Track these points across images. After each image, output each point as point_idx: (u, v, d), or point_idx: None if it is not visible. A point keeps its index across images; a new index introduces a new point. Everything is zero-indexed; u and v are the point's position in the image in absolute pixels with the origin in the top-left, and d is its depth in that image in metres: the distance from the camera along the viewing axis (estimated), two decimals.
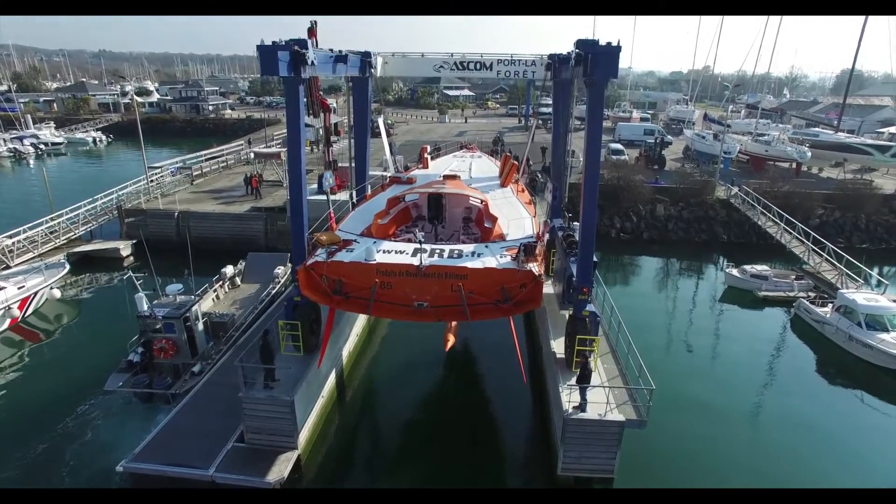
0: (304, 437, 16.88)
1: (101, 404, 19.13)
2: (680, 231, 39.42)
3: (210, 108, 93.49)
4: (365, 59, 22.09)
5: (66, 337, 24.81)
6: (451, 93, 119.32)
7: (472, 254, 15.01)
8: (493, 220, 17.26)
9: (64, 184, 49.78)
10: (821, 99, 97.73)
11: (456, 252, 15.04)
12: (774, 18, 55.10)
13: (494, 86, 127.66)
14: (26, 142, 68.99)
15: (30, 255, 30.28)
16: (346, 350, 21.69)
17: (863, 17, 48.79)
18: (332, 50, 18.49)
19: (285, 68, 14.54)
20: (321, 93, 27.87)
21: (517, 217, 18.40)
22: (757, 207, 36.78)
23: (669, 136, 58.43)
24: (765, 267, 30.10)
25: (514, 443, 18.41)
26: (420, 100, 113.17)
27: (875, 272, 28.58)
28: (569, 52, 18.59)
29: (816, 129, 55.96)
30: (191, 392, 18.16)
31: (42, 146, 70.22)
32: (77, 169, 63.84)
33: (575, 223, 22.55)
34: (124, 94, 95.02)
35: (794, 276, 29.64)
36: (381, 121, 24.57)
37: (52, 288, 26.62)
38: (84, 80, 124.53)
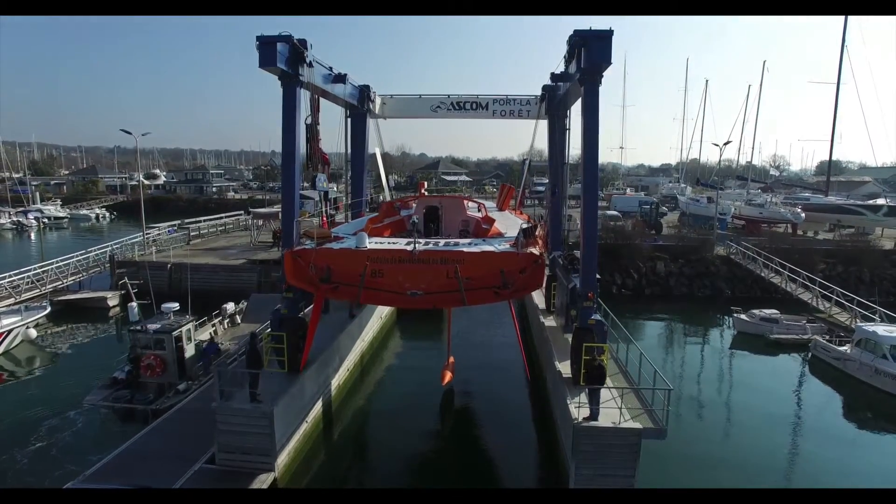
0: (283, 460, 15.02)
1: (75, 421, 17.75)
2: (682, 287, 38.63)
3: (214, 189, 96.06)
4: (364, 90, 22.79)
5: (36, 379, 23.03)
6: (448, 178, 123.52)
7: (469, 244, 14.30)
8: (491, 222, 16.75)
9: (60, 251, 49.43)
10: (805, 178, 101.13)
11: (452, 242, 14.34)
12: (753, 102, 58.11)
13: (491, 172, 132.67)
14: (30, 215, 69.86)
15: (10, 300, 29.15)
16: (336, 382, 20.08)
17: (834, 100, 51.44)
18: (331, 69, 19.03)
19: (283, 61, 14.77)
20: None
21: (515, 225, 17.87)
22: (758, 260, 36.32)
23: (664, 207, 59.35)
24: (774, 311, 29.00)
25: (519, 470, 16.38)
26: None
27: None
28: (561, 72, 19.24)
29: (807, 193, 57.16)
30: (167, 413, 16.68)
31: (45, 220, 70.94)
32: (76, 240, 63.96)
33: (575, 251, 22.07)
34: (131, 177, 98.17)
35: (805, 320, 28.45)
36: (377, 151, 24.91)
37: (28, 327, 25.29)
38: (95, 165, 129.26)
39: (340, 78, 19.69)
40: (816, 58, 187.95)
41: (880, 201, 58.90)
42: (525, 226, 14.36)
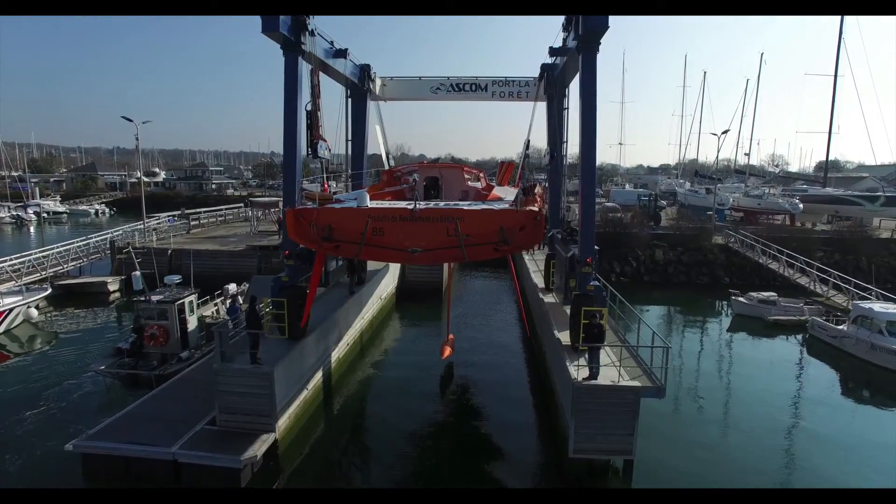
0: (283, 423, 15.12)
1: (80, 388, 18.17)
2: (681, 274, 38.80)
3: (213, 186, 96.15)
4: (364, 69, 22.96)
5: (38, 355, 23.06)
6: None
7: (469, 204, 14.48)
8: (490, 188, 16.95)
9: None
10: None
11: (452, 203, 14.52)
12: (751, 95, 58.48)
13: (491, 170, 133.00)
14: (30, 210, 70.02)
15: (11, 283, 29.20)
16: (336, 355, 20.19)
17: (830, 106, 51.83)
18: (332, 43, 19.21)
19: (286, 28, 14.93)
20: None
21: (513, 193, 18.02)
22: (756, 247, 36.51)
23: (663, 202, 59.49)
24: (772, 293, 29.19)
25: (518, 435, 16.48)
26: None
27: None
28: (559, 46, 19.42)
29: (804, 185, 57.46)
30: (171, 379, 17.02)
31: (45, 214, 71.09)
32: (75, 234, 63.97)
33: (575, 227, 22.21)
34: (131, 175, 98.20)
35: (803, 303, 28.61)
36: (378, 128, 25.11)
37: (29, 307, 25.39)
38: (94, 161, 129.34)
39: (341, 53, 19.86)
40: (814, 50, 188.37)
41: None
42: (526, 185, 14.54)
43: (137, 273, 19.17)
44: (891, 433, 17.33)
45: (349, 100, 24.16)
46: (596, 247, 16.60)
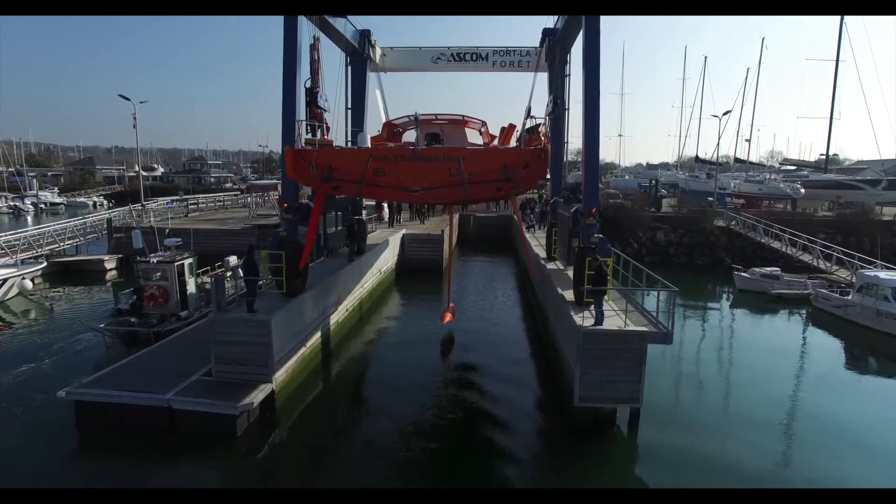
0: (280, 376, 14.79)
1: (79, 343, 18.39)
2: (682, 256, 38.54)
3: (212, 179, 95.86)
4: (365, 34, 22.69)
5: (33, 324, 22.71)
6: None
7: (472, 146, 14.22)
8: (493, 138, 16.68)
9: None
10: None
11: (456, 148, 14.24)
12: (750, 93, 58.20)
13: None
14: (27, 200, 69.77)
15: (6, 258, 28.83)
16: (335, 318, 19.89)
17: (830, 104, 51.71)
18: None
19: None
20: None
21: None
22: (759, 227, 36.28)
23: (664, 190, 59.24)
24: (775, 268, 28.93)
25: (522, 391, 16.20)
26: None
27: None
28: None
29: (805, 171, 57.24)
30: (169, 336, 16.95)
31: (42, 205, 71.01)
32: None
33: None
34: (129, 168, 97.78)
35: (807, 277, 28.35)
36: (378, 93, 24.84)
37: (24, 279, 25.06)
38: (92, 156, 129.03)
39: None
40: (815, 40, 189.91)
41: None
42: (530, 126, 14.27)
43: (138, 231, 19.00)
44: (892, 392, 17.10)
45: (349, 67, 23.87)
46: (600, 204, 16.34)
